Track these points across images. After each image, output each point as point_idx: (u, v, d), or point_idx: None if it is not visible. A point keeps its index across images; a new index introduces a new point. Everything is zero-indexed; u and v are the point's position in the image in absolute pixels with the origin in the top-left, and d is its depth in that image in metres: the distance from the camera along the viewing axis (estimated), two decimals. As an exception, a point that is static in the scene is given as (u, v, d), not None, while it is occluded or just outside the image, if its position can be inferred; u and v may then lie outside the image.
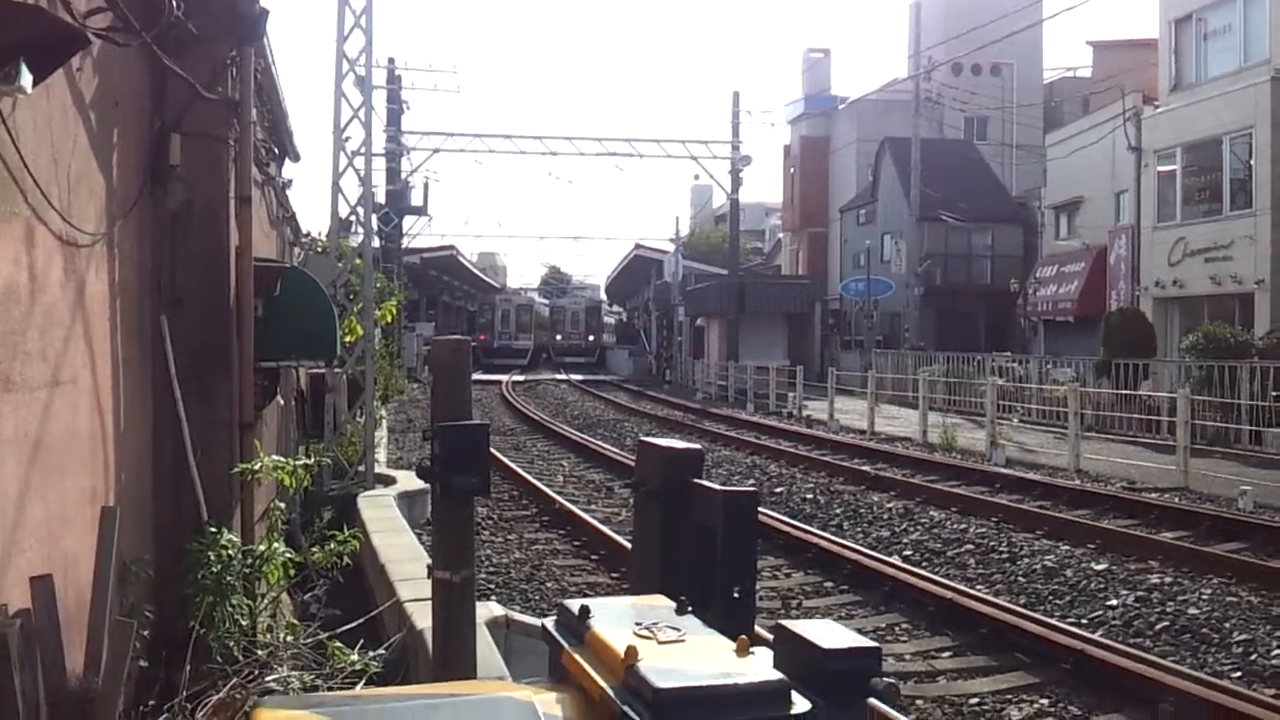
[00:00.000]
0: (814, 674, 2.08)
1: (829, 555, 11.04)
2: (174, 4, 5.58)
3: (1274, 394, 18.08)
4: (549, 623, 2.47)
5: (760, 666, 2.10)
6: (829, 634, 2.17)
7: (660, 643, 2.18)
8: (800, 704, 1.99)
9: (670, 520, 3.17)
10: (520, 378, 50.72)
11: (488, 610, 6.86)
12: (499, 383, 42.79)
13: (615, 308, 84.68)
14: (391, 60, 37.09)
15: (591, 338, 72.94)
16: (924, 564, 11.00)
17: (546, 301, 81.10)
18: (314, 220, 41.86)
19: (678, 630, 2.26)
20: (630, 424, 27.47)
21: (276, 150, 11.13)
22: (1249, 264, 24.90)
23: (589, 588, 10.23)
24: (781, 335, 41.50)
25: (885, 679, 2.11)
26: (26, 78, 3.46)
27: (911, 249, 37.94)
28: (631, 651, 2.06)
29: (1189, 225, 27.23)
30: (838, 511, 13.94)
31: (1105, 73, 36.15)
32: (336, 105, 14.07)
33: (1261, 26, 25.72)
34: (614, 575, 10.59)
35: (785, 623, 2.27)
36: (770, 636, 2.34)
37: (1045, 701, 7.09)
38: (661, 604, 2.51)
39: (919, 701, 7.06)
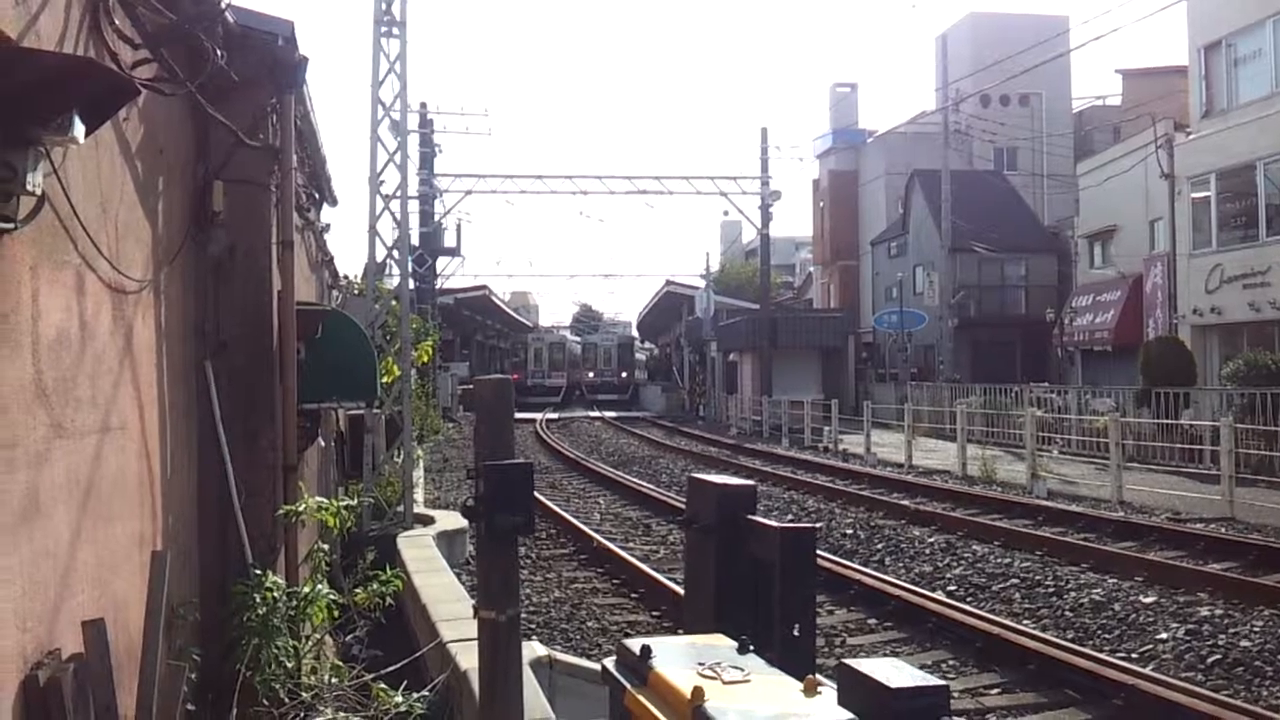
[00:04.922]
0: (881, 714, 2.04)
1: (872, 591, 10.93)
2: (217, 53, 5.67)
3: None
4: (609, 663, 2.44)
5: (829, 707, 2.06)
6: (895, 673, 2.13)
7: (725, 683, 2.15)
8: (872, 744, 1.96)
9: (724, 557, 3.13)
10: (554, 415, 50.73)
11: (531, 650, 6.83)
12: (533, 421, 42.85)
13: (647, 344, 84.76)
14: (424, 105, 37.53)
15: (624, 374, 73.01)
16: (969, 599, 10.87)
17: (579, 339, 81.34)
18: (349, 263, 42.22)
19: (741, 670, 2.23)
20: (665, 460, 27.39)
21: (316, 195, 11.25)
22: (1288, 289, 24.59)
23: (630, 626, 10.16)
24: (815, 369, 41.37)
25: (954, 719, 2.07)
26: (79, 129, 3.50)
27: (944, 281, 37.74)
28: (698, 692, 2.03)
29: (1225, 252, 26.98)
30: (879, 547, 13.82)
31: (1135, 100, 36.03)
32: (372, 150, 14.24)
33: (1292, 51, 25.56)
34: (655, 613, 10.53)
35: (849, 661, 2.23)
36: (827, 677, 2.30)
37: (1099, 738, 6.98)
38: (722, 643, 2.48)
39: (970, 739, 6.96)
